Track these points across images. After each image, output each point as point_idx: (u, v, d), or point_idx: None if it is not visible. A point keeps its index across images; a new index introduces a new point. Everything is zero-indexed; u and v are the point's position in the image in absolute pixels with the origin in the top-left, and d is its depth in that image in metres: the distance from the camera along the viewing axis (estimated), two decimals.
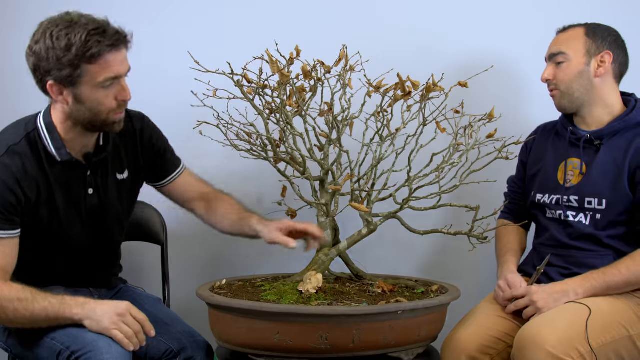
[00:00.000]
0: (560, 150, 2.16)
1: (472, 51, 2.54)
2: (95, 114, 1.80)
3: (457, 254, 2.51)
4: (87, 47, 1.72)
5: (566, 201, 2.10)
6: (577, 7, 2.48)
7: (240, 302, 1.84)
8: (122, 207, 2.03)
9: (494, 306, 2.10)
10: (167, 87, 2.53)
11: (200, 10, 2.60)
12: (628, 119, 2.06)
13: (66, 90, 1.78)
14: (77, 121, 1.83)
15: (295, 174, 2.11)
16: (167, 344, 1.92)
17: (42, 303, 1.75)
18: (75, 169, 1.90)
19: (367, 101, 2.11)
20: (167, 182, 2.12)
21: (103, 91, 1.78)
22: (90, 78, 1.75)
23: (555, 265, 2.12)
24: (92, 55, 1.73)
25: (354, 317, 1.78)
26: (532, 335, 1.85)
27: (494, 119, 2.09)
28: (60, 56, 1.72)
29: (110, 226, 2.01)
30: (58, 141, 1.85)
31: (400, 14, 2.60)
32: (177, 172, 2.13)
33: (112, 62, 1.77)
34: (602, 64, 2.08)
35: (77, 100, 1.78)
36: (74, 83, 1.76)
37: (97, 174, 1.94)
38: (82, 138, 1.88)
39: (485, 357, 1.99)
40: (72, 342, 1.76)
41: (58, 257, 1.95)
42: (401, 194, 2.07)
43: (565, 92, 2.10)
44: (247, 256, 2.60)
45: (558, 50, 2.10)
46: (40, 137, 1.85)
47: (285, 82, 2.05)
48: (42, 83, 1.79)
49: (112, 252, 2.09)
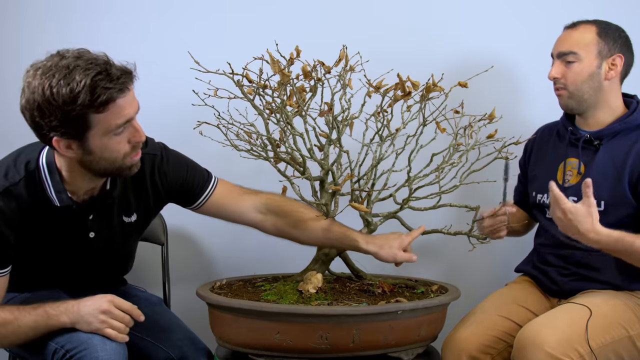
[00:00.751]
0: (560, 150, 2.16)
1: (472, 51, 2.54)
2: (111, 162, 1.67)
3: (457, 254, 2.51)
4: (95, 96, 1.56)
5: None
6: (579, 7, 2.48)
7: (241, 302, 1.84)
8: (126, 248, 1.97)
9: (494, 306, 2.10)
10: (168, 87, 2.54)
11: (201, 10, 2.60)
12: (629, 121, 2.06)
13: (75, 144, 1.63)
14: (89, 170, 1.70)
15: (295, 174, 2.11)
16: (166, 352, 1.91)
17: (28, 321, 1.70)
18: (76, 213, 1.78)
19: (367, 101, 2.11)
20: (201, 203, 1.99)
21: (115, 138, 1.64)
22: (100, 127, 1.61)
23: (556, 265, 2.13)
24: (100, 104, 1.57)
25: (354, 317, 1.78)
26: (532, 336, 1.85)
27: (494, 120, 2.09)
28: (64, 110, 1.55)
29: (113, 263, 1.97)
30: (59, 184, 1.72)
31: (400, 14, 2.60)
32: (208, 191, 1.98)
33: (122, 106, 1.61)
34: (614, 66, 2.06)
35: (88, 152, 1.64)
36: (83, 136, 1.61)
37: (100, 218, 1.82)
38: (88, 183, 1.75)
39: (485, 356, 1.99)
40: (67, 341, 1.74)
41: (56, 276, 1.90)
42: (401, 194, 2.07)
43: (573, 92, 2.08)
44: None
45: (569, 50, 2.06)
46: (40, 178, 1.72)
47: (285, 82, 2.05)
48: (45, 139, 1.64)
49: (117, 276, 2.07)
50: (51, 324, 1.72)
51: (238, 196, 2.02)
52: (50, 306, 1.73)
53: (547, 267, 2.15)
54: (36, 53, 2.42)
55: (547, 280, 2.14)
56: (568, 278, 2.10)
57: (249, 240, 2.66)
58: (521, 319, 2.07)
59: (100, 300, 1.73)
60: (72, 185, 1.74)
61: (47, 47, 2.39)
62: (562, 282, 2.11)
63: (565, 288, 2.09)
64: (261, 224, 2.02)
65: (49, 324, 1.72)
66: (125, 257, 2.02)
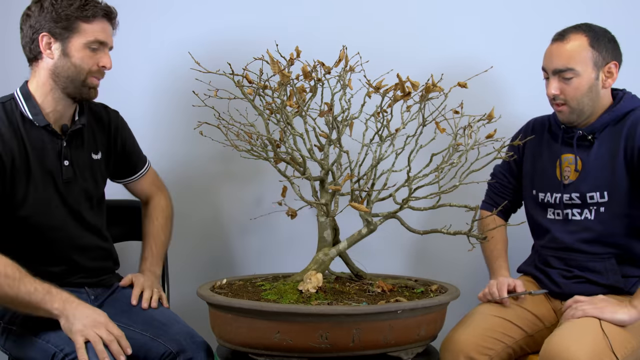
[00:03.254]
0: (554, 147, 2.16)
1: (471, 52, 2.55)
2: (78, 71, 1.93)
3: (456, 254, 2.52)
4: (86, 7, 1.91)
5: (568, 199, 2.10)
6: (573, 9, 2.49)
7: (241, 302, 1.84)
8: (95, 185, 2.08)
9: (492, 307, 2.10)
10: (168, 87, 2.54)
11: (202, 11, 2.60)
12: (616, 109, 2.06)
13: (56, 43, 1.92)
14: (58, 79, 1.93)
15: (295, 174, 2.12)
16: (165, 346, 1.92)
17: (29, 287, 1.76)
18: (51, 137, 1.96)
19: (367, 101, 2.12)
20: (133, 180, 2.24)
21: (89, 52, 1.94)
22: (81, 35, 1.92)
23: (557, 267, 2.13)
24: (87, 15, 1.91)
25: (354, 316, 1.78)
26: (561, 350, 1.82)
27: (493, 120, 2.10)
28: (59, 10, 1.89)
29: (82, 201, 2.04)
30: (35, 107, 1.94)
31: (400, 14, 2.61)
32: (141, 172, 2.25)
33: (102, 28, 1.95)
34: (610, 74, 2.06)
35: (64, 54, 1.92)
36: (65, 37, 1.91)
37: (72, 147, 2.01)
38: (58, 105, 1.97)
39: (483, 357, 1.99)
40: (66, 344, 1.78)
41: (40, 241, 1.96)
42: (401, 194, 2.07)
43: (575, 107, 2.06)
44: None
45: (565, 66, 2.03)
46: (17, 104, 1.94)
47: (285, 82, 2.05)
48: (32, 39, 1.92)
49: (95, 233, 2.09)
50: (44, 303, 1.77)
51: (151, 189, 2.28)
52: (56, 288, 1.80)
53: (548, 268, 2.15)
54: None
55: (549, 281, 2.14)
56: (570, 280, 2.10)
57: (249, 240, 2.67)
58: (521, 320, 2.08)
59: (99, 315, 1.81)
60: (44, 110, 1.95)
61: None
62: (564, 285, 2.11)
63: (567, 290, 2.09)
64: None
65: (43, 301, 1.77)
66: (91, 198, 2.07)
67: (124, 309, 2.01)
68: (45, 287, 1.79)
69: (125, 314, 1.99)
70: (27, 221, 1.93)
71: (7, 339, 1.92)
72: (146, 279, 2.10)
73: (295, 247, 2.60)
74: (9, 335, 1.91)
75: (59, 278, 1.94)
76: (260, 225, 2.61)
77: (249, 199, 2.65)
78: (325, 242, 2.09)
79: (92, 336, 1.75)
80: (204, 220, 2.62)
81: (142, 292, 2.05)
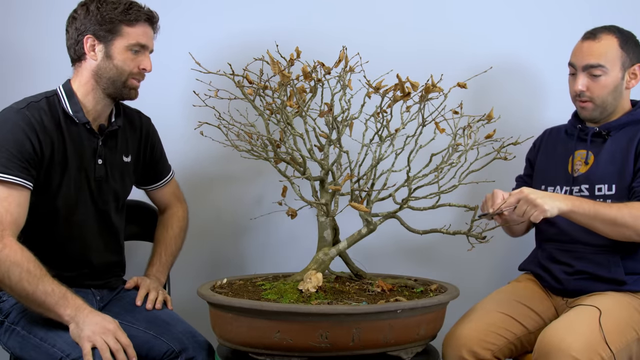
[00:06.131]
0: (569, 144, 2.19)
1: (471, 52, 2.55)
2: (120, 72, 1.99)
3: (456, 254, 2.52)
4: (130, 11, 1.98)
5: (577, 191, 2.12)
6: (577, 8, 2.50)
7: (241, 301, 1.85)
8: (123, 187, 2.12)
9: (496, 302, 2.12)
10: (169, 88, 2.54)
11: (202, 11, 2.61)
12: (635, 113, 2.13)
13: (100, 45, 1.98)
14: (100, 80, 1.99)
15: (295, 174, 2.12)
16: (168, 344, 1.94)
17: (47, 287, 1.78)
18: (89, 135, 2.01)
19: (367, 102, 2.12)
20: (155, 187, 2.28)
21: (131, 54, 1.99)
22: (124, 38, 1.98)
23: (561, 262, 2.14)
24: (130, 19, 1.97)
25: (354, 316, 1.78)
26: (556, 341, 1.85)
27: (492, 120, 2.10)
28: (104, 13, 1.95)
29: (110, 201, 2.08)
30: (76, 105, 1.99)
31: (400, 14, 2.61)
32: (165, 180, 2.29)
33: (144, 32, 2.01)
34: (634, 76, 2.12)
35: (107, 55, 1.98)
36: (109, 39, 1.97)
37: (107, 147, 2.06)
38: (98, 105, 2.02)
39: (486, 352, 2.00)
40: (72, 349, 1.78)
41: (61, 237, 1.99)
42: (400, 193, 2.08)
43: (599, 104, 2.12)
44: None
45: (597, 63, 2.08)
46: (59, 100, 1.99)
47: (285, 82, 2.06)
48: (77, 40, 1.98)
49: (114, 235, 2.12)
50: (57, 307, 1.79)
51: (171, 199, 2.33)
52: (71, 293, 1.82)
53: (552, 264, 2.16)
54: (38, 54, 2.45)
55: (551, 278, 2.15)
56: (572, 277, 2.11)
57: (249, 240, 2.68)
58: (522, 316, 2.08)
59: (110, 320, 1.82)
60: (85, 107, 2.01)
61: (49, 48, 2.41)
62: (566, 281, 2.12)
63: (569, 287, 2.11)
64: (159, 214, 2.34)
65: (57, 305, 1.79)
66: (118, 199, 2.11)
67: (128, 308, 2.03)
68: (61, 291, 1.80)
69: (129, 313, 2.01)
70: (54, 214, 1.96)
71: (10, 338, 1.92)
72: (152, 281, 2.12)
73: (295, 247, 2.60)
74: (12, 335, 1.91)
75: (70, 280, 1.94)
76: (260, 225, 2.61)
77: (249, 199, 2.65)
78: (325, 242, 2.10)
79: (100, 343, 1.76)
80: (204, 220, 2.62)
81: (148, 293, 2.06)
